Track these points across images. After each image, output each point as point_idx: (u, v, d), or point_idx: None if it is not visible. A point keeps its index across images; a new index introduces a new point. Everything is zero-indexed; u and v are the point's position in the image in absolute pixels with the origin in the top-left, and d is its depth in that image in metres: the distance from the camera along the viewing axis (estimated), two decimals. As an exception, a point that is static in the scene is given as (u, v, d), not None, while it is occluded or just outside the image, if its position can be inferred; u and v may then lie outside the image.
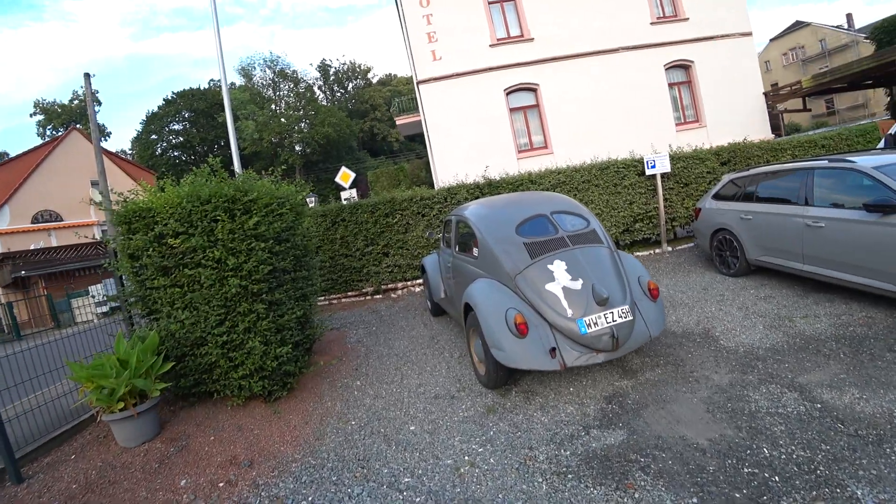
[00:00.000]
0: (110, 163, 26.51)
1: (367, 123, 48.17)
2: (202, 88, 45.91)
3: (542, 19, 15.16)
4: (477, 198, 9.07)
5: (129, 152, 46.32)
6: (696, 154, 9.53)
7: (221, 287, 4.10)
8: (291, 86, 43.01)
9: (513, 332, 3.85)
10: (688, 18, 15.87)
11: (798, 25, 35.50)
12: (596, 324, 3.83)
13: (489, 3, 15.15)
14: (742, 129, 15.13)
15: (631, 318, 3.95)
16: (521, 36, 15.17)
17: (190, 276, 4.13)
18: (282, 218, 4.66)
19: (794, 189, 5.95)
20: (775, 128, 16.95)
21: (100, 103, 32.19)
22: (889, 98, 18.30)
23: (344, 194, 16.14)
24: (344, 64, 50.95)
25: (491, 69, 14.89)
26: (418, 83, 14.95)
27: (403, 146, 48.19)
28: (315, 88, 47.52)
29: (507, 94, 15.14)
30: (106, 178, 17.29)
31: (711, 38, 15.95)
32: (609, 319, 3.87)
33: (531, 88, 15.30)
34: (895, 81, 17.12)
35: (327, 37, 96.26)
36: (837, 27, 35.45)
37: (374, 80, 52.98)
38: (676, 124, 15.79)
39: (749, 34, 16.46)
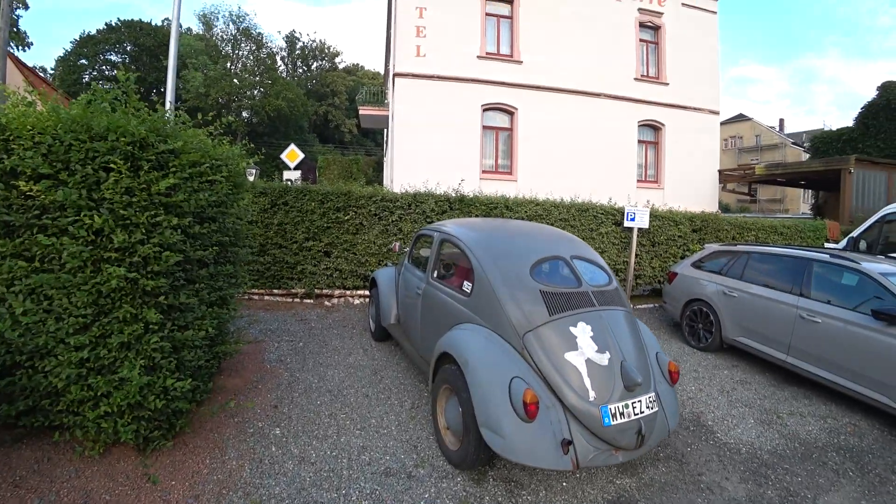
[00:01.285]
0: (17, 75, 22.40)
1: (324, 108, 45.70)
2: (153, 24, 41.18)
3: (535, 46, 14.52)
4: (444, 212, 7.95)
5: (51, 71, 40.24)
6: (672, 216, 9.09)
7: (95, 274, 2.61)
8: (253, 48, 39.82)
9: (518, 413, 2.74)
10: (668, 83, 16.04)
11: (741, 118, 38.40)
12: (622, 414, 2.85)
13: (486, 13, 14.28)
14: (695, 199, 15.48)
15: (657, 408, 3.05)
16: (511, 56, 14.40)
17: (46, 246, 2.59)
18: (213, 187, 3.23)
19: (789, 276, 5.63)
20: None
21: (26, 7, 27.59)
22: (814, 200, 19.64)
23: (287, 174, 14.36)
24: (313, 41, 48.22)
25: (474, 81, 13.94)
26: (395, 75, 13.67)
27: (355, 139, 46.23)
28: (277, 59, 44.43)
29: (484, 110, 14.26)
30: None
31: (685, 107, 16.25)
32: (637, 410, 2.91)
33: (509, 111, 14.54)
34: (825, 187, 18.32)
35: (300, 12, 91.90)
36: (771, 128, 38.75)
37: (341, 66, 50.64)
38: (638, 180, 15.75)
39: (717, 113, 17.02)
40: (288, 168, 14.45)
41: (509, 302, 3.19)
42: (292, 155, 14.03)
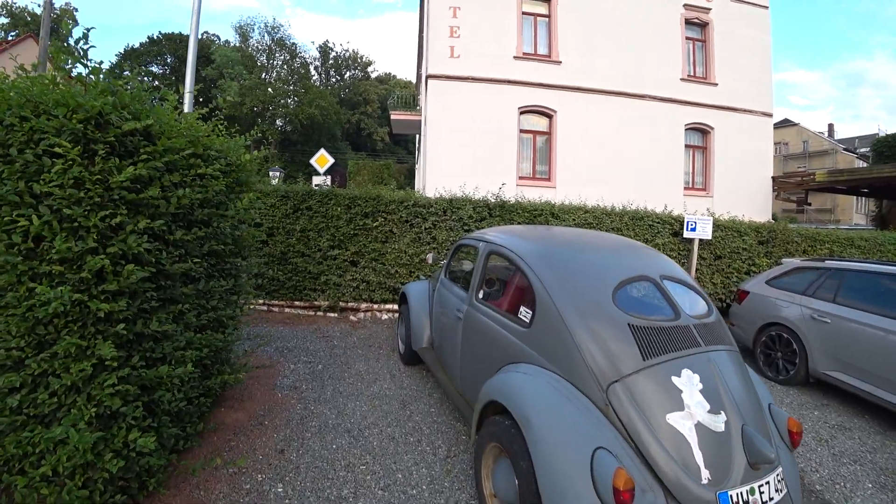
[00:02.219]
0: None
1: (356, 116, 45.66)
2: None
3: (574, 45, 13.62)
4: (483, 219, 7.14)
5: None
6: (736, 226, 8.02)
7: (29, 295, 1.94)
8: (287, 58, 40.14)
9: (605, 502, 1.91)
10: (717, 84, 14.83)
11: (786, 123, 36.22)
12: (747, 503, 1.98)
13: (523, 12, 13.49)
14: (747, 208, 14.06)
15: (785, 490, 2.16)
16: (549, 56, 13.54)
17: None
18: (203, 183, 2.54)
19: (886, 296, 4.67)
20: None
21: (76, 23, 28.30)
22: (878, 210, 17.92)
23: (316, 179, 13.79)
24: (346, 51, 48.37)
25: (510, 82, 13.14)
26: (428, 77, 13.01)
27: (387, 147, 45.99)
28: (311, 68, 44.74)
29: (521, 113, 13.41)
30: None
31: (734, 109, 15.00)
32: (766, 496, 2.04)
33: (547, 114, 13.66)
34: (889, 195, 16.68)
35: (334, 25, 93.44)
36: (819, 133, 36.44)
37: (373, 76, 50.70)
38: (685, 188, 14.56)
39: (770, 115, 15.65)
40: (318, 174, 13.98)
41: (587, 339, 2.35)
42: (322, 160, 13.52)
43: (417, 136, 20.79)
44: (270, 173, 15.22)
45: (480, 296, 3.42)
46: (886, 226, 16.68)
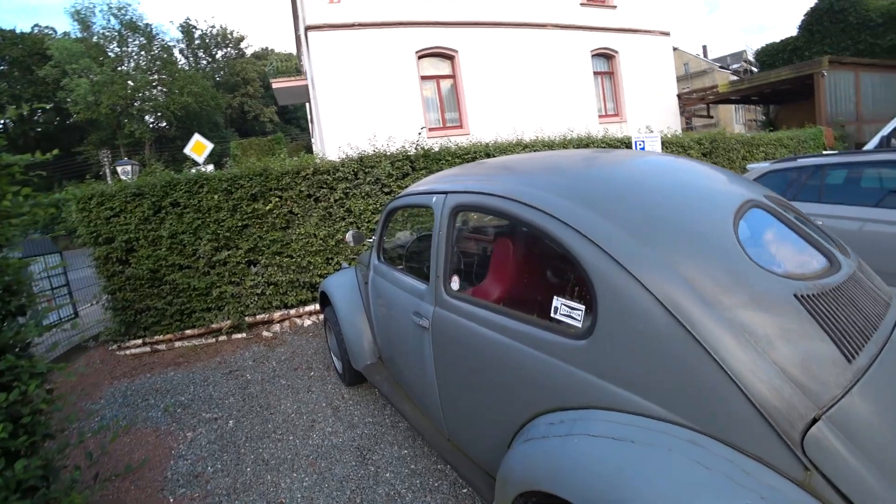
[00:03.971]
0: None
1: (238, 99, 41.06)
2: (19, 32, 34.71)
3: (467, -25, 12.17)
4: (406, 175, 5.71)
5: None
6: (679, 140, 7.31)
7: None
8: (144, 42, 34.53)
9: None
10: (615, 7, 14.21)
11: (666, 48, 37.69)
12: None
13: (403, -59, 11.71)
14: (659, 128, 13.97)
15: None
16: (440, -11, 11.99)
17: None
18: None
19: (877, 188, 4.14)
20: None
21: None
22: (766, 115, 18.76)
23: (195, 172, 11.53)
24: (212, 28, 42.73)
25: (402, 24, 11.47)
26: (307, 29, 10.95)
27: (278, 127, 41.98)
28: (175, 52, 39.11)
29: (420, 57, 11.87)
30: None
31: (635, 30, 14.54)
32: None
33: (448, 55, 12.22)
34: (776, 100, 17.38)
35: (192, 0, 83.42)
36: (696, 55, 38.25)
37: (249, 53, 45.63)
38: (599, 115, 14.00)
39: (668, 34, 15.42)
40: (197, 164, 11.61)
41: (735, 344, 1.10)
42: (199, 147, 11.07)
43: (308, 105, 18.49)
44: (119, 168, 12.51)
45: (456, 287, 2.05)
46: (776, 128, 17.51)
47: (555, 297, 1.51)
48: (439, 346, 1.99)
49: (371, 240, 3.01)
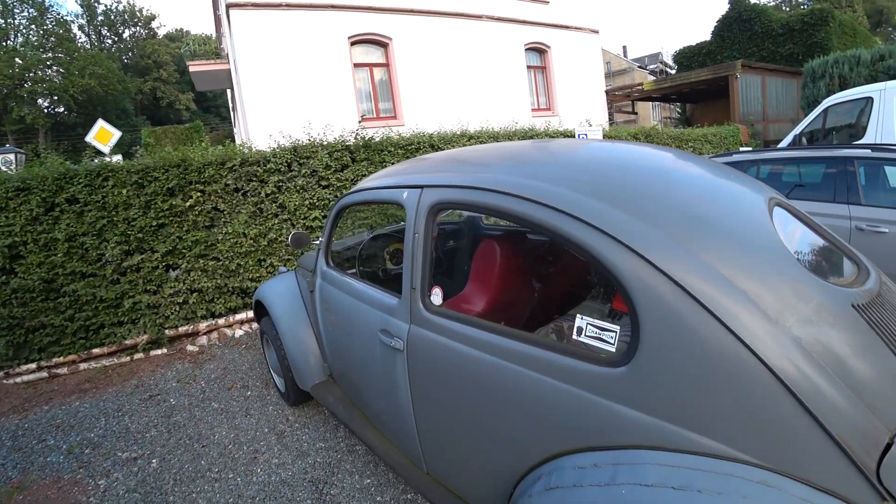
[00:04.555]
0: None
1: (149, 84, 37.45)
2: None
3: (401, -40, 11.69)
4: (346, 166, 5.27)
5: None
6: (616, 133, 7.42)
7: None
8: (35, 15, 30.42)
9: None
10: (548, 2, 14.35)
11: (590, 47, 39.16)
12: None
13: (333, -82, 10.99)
14: (589, 123, 14.41)
15: None
16: (374, -27, 11.43)
17: None
18: None
19: (829, 182, 4.21)
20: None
21: None
22: (682, 113, 19.96)
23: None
24: (118, 3, 38.58)
25: (333, 7, 10.80)
26: (228, 7, 9.98)
27: (196, 115, 38.97)
28: (74, 28, 34.89)
29: (353, 43, 11.28)
30: None
31: (566, 27, 14.80)
32: None
33: (381, 42, 11.72)
34: (693, 99, 18.51)
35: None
36: (617, 55, 40.12)
37: (161, 33, 41.73)
38: (532, 109, 14.15)
39: (596, 32, 15.85)
40: (103, 154, 10.26)
41: (808, 367, 0.91)
42: (103, 135, 9.74)
43: (229, 92, 17.13)
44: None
45: (438, 301, 1.73)
46: (691, 125, 18.70)
47: (578, 315, 1.25)
48: (418, 372, 1.66)
49: (317, 241, 2.59)
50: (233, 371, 3.90)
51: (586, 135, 6.44)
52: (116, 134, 10.14)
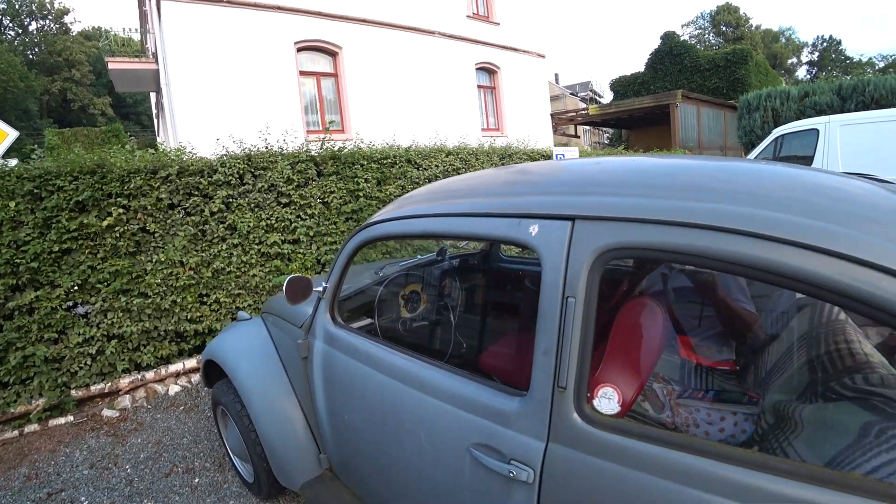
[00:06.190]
0: None
1: (58, 84, 33.33)
2: None
3: (353, -32, 10.95)
4: (309, 180, 4.40)
5: None
6: (586, 154, 7.10)
7: None
8: None
9: None
10: (499, 24, 14.30)
11: (525, 73, 40.43)
12: None
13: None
14: (534, 145, 14.32)
15: None
16: (325, -22, 10.59)
17: None
18: None
19: None
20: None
21: None
22: (619, 137, 20.76)
23: (-7, 167, 8.37)
24: (23, -8, 34.13)
25: (278, 8, 9.82)
26: (159, -1, 8.71)
27: (113, 122, 35.25)
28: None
29: (299, 50, 10.33)
30: None
31: (515, 49, 14.78)
32: None
33: (331, 51, 10.86)
34: (628, 126, 19.25)
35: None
36: (551, 82, 41.76)
37: (75, 30, 37.47)
38: (482, 128, 13.87)
39: (543, 56, 15.99)
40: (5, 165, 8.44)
41: None
42: (-5, 135, 8.13)
43: (154, 96, 15.32)
44: None
45: (613, 408, 0.98)
46: (628, 149, 19.46)
47: None
48: None
49: (321, 287, 1.75)
50: (170, 446, 2.88)
51: (563, 155, 6.02)
52: (12, 134, 8.40)
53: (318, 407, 1.80)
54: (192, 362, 3.75)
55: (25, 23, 34.75)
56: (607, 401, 1.02)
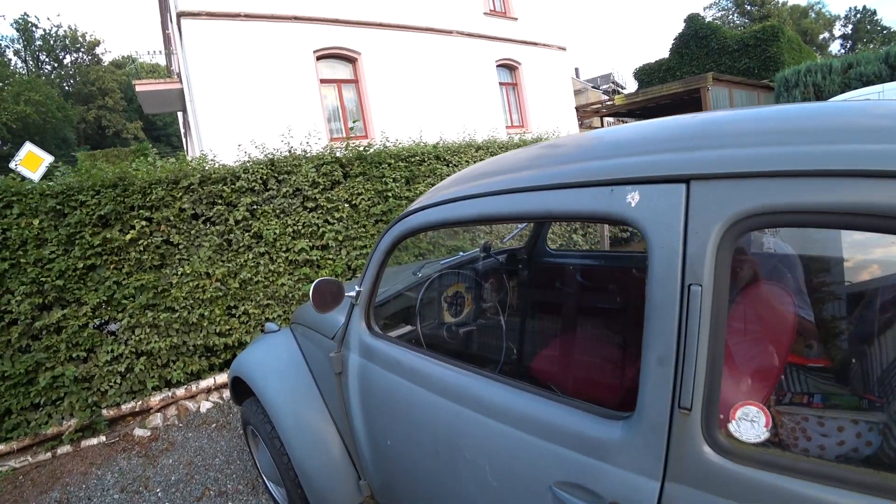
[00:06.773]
0: None
1: (93, 112, 34.72)
2: None
3: (370, -27, 10.86)
4: (337, 183, 4.22)
5: None
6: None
7: None
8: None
9: None
10: (517, 19, 13.97)
11: (544, 69, 39.85)
12: None
13: (298, -74, 10.05)
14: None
15: None
16: (341, -15, 10.52)
17: None
18: None
19: None
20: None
21: None
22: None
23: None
24: (58, 27, 35.63)
25: (296, 19, 9.79)
26: (179, 17, 8.78)
27: (145, 146, 36.42)
28: (10, 53, 32.03)
29: (319, 58, 10.28)
30: None
31: (535, 43, 14.41)
32: None
33: (350, 58, 10.78)
34: (654, 115, 18.52)
35: None
36: (572, 77, 41.06)
37: (106, 60, 38.96)
38: (507, 126, 13.56)
39: (564, 49, 15.58)
40: (32, 182, 8.66)
41: None
42: (32, 160, 8.22)
43: (181, 115, 15.64)
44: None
45: (755, 433, 0.68)
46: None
47: None
48: None
49: (355, 290, 1.51)
50: (202, 467, 2.71)
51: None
52: (48, 158, 8.58)
53: (355, 429, 1.57)
54: (222, 377, 3.60)
55: (60, 56, 36.31)
56: (750, 424, 0.74)
